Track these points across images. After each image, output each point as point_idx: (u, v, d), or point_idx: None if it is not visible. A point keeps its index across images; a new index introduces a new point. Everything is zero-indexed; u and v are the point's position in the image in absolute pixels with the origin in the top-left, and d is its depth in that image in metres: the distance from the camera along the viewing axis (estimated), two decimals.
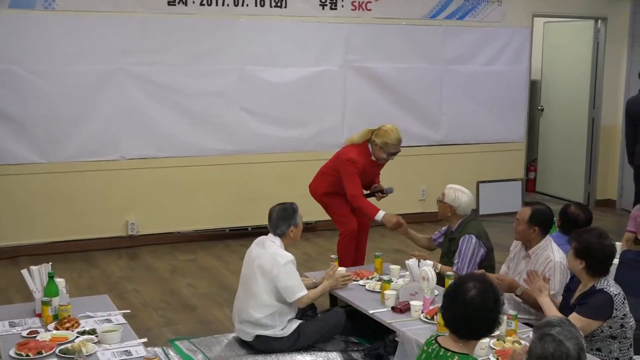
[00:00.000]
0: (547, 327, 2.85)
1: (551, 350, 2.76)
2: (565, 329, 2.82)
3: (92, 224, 7.49)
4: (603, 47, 9.69)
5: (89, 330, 4.08)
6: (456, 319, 3.15)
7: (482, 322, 3.13)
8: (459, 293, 3.15)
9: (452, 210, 5.39)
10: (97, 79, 7.31)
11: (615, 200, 9.87)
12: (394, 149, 6.01)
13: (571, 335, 2.80)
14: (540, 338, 2.81)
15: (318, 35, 8.16)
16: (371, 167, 6.16)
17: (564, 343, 2.77)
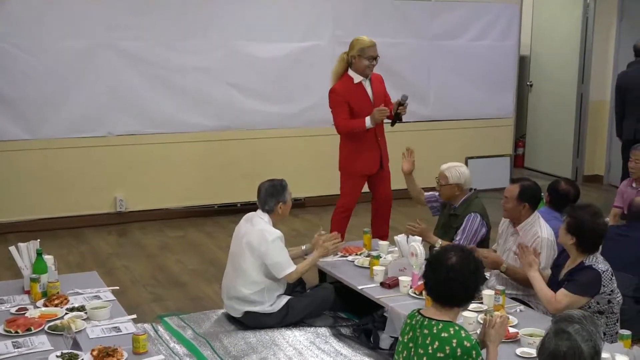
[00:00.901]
0: (566, 322, 2.73)
1: (564, 349, 2.66)
2: (584, 328, 2.69)
3: (80, 201, 7.47)
4: (592, 22, 9.67)
5: (78, 306, 4.09)
6: (438, 285, 3.26)
7: (462, 286, 3.22)
8: (441, 260, 3.27)
9: (460, 187, 5.36)
10: (83, 55, 7.25)
11: (602, 175, 9.91)
12: (372, 51, 5.87)
13: (589, 337, 2.68)
14: (556, 333, 2.71)
15: (306, 10, 8.11)
16: (359, 91, 5.95)
17: (580, 345, 2.65)
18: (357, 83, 5.97)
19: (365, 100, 5.97)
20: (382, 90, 6.14)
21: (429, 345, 3.18)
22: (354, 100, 5.94)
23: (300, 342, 4.79)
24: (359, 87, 5.99)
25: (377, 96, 6.05)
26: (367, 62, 5.89)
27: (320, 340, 4.82)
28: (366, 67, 5.90)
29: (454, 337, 3.15)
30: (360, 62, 5.90)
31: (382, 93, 6.11)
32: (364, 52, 5.88)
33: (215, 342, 4.79)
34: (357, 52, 5.89)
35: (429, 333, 3.21)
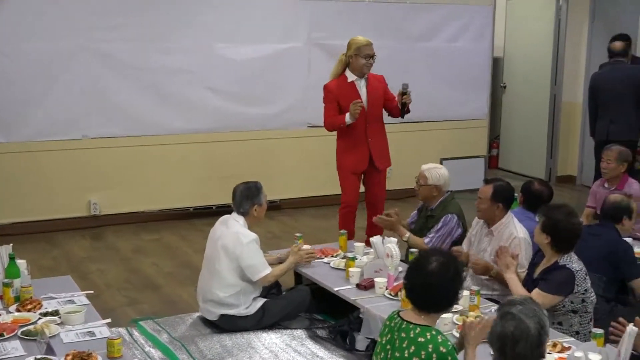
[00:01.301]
0: (509, 305, 2.88)
1: (511, 328, 2.79)
2: (527, 307, 2.84)
3: (54, 204, 7.40)
4: (564, 24, 9.76)
5: (52, 311, 4.04)
6: (416, 289, 3.25)
7: (441, 294, 3.21)
8: (421, 265, 3.25)
9: (438, 189, 5.40)
10: (60, 57, 7.19)
11: (575, 176, 10.00)
12: (368, 50, 6.01)
13: (532, 314, 2.82)
14: (501, 317, 2.85)
15: (282, 12, 8.11)
16: (350, 90, 6.03)
17: (524, 321, 2.79)
18: (349, 82, 6.08)
19: (355, 100, 5.99)
20: (380, 90, 6.19)
21: (405, 349, 3.18)
22: (343, 99, 6.02)
23: (276, 344, 4.78)
24: (351, 86, 6.08)
25: (372, 96, 6.12)
26: (363, 60, 6.01)
27: (297, 343, 4.81)
28: (363, 65, 6.02)
29: (430, 342, 3.14)
30: (357, 61, 6.02)
31: (378, 93, 6.16)
32: (360, 50, 6.00)
33: (191, 346, 4.77)
34: (354, 52, 6.02)
35: (406, 337, 3.20)
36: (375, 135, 6.18)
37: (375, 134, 6.18)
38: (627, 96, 7.64)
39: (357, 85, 6.09)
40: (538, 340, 2.81)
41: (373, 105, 6.12)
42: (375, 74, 6.23)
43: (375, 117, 6.17)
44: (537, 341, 2.80)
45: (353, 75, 6.08)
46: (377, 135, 6.20)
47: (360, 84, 6.11)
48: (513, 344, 2.80)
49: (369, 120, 6.12)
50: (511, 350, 2.81)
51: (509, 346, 2.81)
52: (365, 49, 6.01)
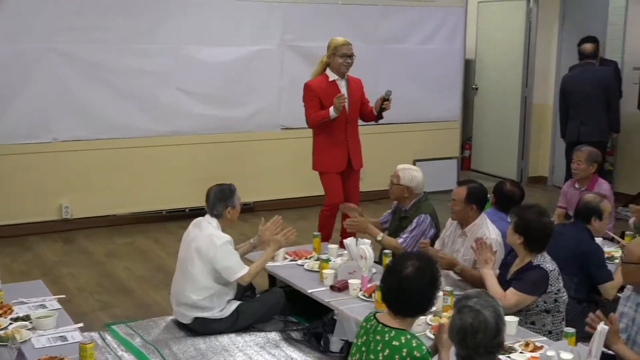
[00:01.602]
0: (464, 299, 2.95)
1: (470, 320, 2.87)
2: (482, 299, 2.92)
3: (24, 208, 7.32)
4: (535, 27, 9.85)
5: (23, 316, 4.01)
6: (391, 293, 3.24)
7: (415, 299, 3.21)
8: (397, 269, 3.24)
9: (409, 190, 5.43)
10: (26, 59, 7.11)
11: (546, 176, 10.10)
12: (345, 49, 6.12)
13: (488, 304, 2.90)
14: (458, 311, 2.92)
15: (254, 14, 8.10)
16: (331, 89, 6.11)
17: (482, 312, 2.87)
18: (331, 81, 6.18)
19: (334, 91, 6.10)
20: (359, 92, 6.32)
21: (379, 352, 3.18)
22: (325, 97, 6.11)
23: (250, 347, 4.77)
24: (332, 85, 6.17)
25: (352, 98, 6.23)
26: (341, 59, 6.12)
27: (271, 345, 4.81)
28: (341, 64, 6.13)
29: (405, 346, 3.14)
30: (335, 60, 6.14)
31: (358, 97, 6.29)
32: (337, 50, 6.13)
33: (165, 350, 4.75)
34: (332, 51, 6.15)
35: (381, 339, 3.20)
36: (353, 136, 6.32)
37: (353, 134, 6.32)
38: (597, 98, 7.74)
39: (339, 84, 6.20)
40: (496, 329, 2.89)
41: (353, 106, 6.25)
42: (355, 76, 6.35)
43: (354, 118, 6.32)
44: (495, 330, 2.88)
45: (334, 75, 6.19)
46: (354, 136, 6.34)
47: (341, 83, 6.22)
48: (473, 335, 2.87)
49: (349, 121, 6.25)
50: (471, 341, 2.88)
51: (469, 337, 2.88)
52: (342, 49, 6.12)
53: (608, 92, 7.78)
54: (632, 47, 8.60)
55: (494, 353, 2.94)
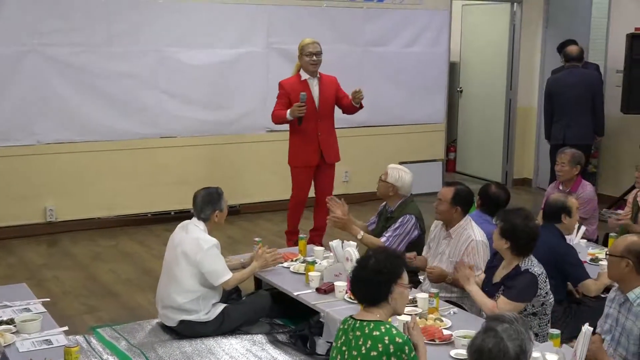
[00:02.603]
0: (496, 321, 2.81)
1: (490, 345, 2.73)
2: (512, 328, 2.76)
3: (8, 211, 7.27)
4: (519, 30, 9.91)
5: (7, 320, 3.99)
6: (354, 285, 3.41)
7: (369, 286, 3.32)
8: (360, 263, 3.41)
9: (395, 190, 5.44)
10: (8, 61, 7.07)
11: (531, 179, 10.15)
12: (310, 47, 6.41)
13: (516, 336, 2.74)
14: (484, 331, 2.79)
15: (239, 16, 8.09)
16: (302, 88, 6.38)
17: (505, 342, 2.72)
18: (302, 80, 6.48)
19: (308, 97, 6.38)
20: (332, 90, 6.61)
21: (362, 346, 3.23)
22: (294, 96, 6.39)
23: (236, 350, 4.76)
24: (303, 84, 6.47)
25: (323, 95, 6.52)
26: (307, 58, 6.42)
27: (257, 348, 4.81)
28: (308, 63, 6.43)
29: (386, 334, 3.20)
30: (302, 60, 6.46)
31: (330, 93, 6.56)
32: (303, 49, 6.44)
33: (150, 353, 4.73)
34: (300, 51, 6.48)
35: (361, 334, 3.26)
36: (325, 132, 6.57)
37: (325, 130, 6.57)
38: (583, 101, 7.79)
39: (310, 83, 6.47)
40: None
41: (324, 103, 6.53)
42: (329, 75, 6.65)
43: (325, 114, 6.57)
44: None
45: (306, 74, 6.48)
46: (327, 131, 6.59)
47: (312, 82, 6.49)
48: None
49: (320, 117, 6.52)
50: None
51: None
52: (307, 47, 6.42)
53: (594, 95, 7.84)
54: (615, 50, 8.67)
55: None
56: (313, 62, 6.42)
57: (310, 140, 6.50)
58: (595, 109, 7.86)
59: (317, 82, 6.51)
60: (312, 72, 6.47)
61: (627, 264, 3.65)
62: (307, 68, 6.44)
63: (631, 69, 8.03)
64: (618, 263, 3.68)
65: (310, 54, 6.40)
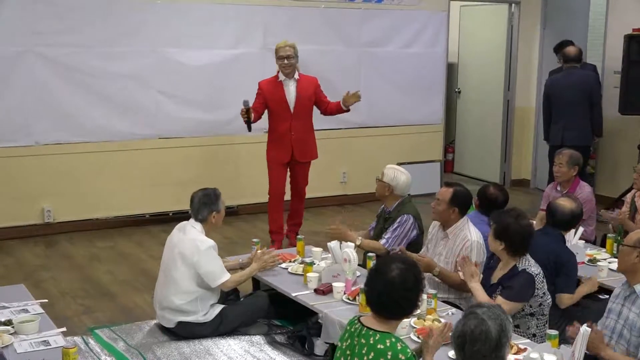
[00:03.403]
0: (475, 307, 2.93)
1: (472, 327, 2.83)
2: (491, 311, 2.87)
3: (5, 212, 7.25)
4: (517, 31, 9.92)
5: (5, 321, 3.98)
6: (375, 297, 3.23)
7: (400, 303, 3.20)
8: (381, 272, 3.23)
9: (390, 189, 5.44)
10: (6, 62, 7.05)
11: (529, 179, 10.16)
12: (281, 51, 6.63)
13: (495, 316, 2.85)
14: (465, 316, 2.89)
15: (236, 17, 8.08)
16: (277, 89, 6.68)
17: (486, 322, 2.82)
18: (279, 81, 6.71)
19: (280, 98, 6.68)
20: (309, 91, 6.78)
21: (364, 356, 3.18)
22: (269, 96, 6.71)
23: (234, 350, 4.76)
24: (278, 85, 6.71)
25: (299, 95, 6.71)
26: (279, 61, 6.66)
27: (255, 349, 4.80)
28: (280, 66, 6.66)
29: (389, 349, 3.13)
30: (278, 64, 6.69)
31: (307, 94, 6.76)
32: (276, 53, 6.70)
33: (148, 354, 4.73)
34: (274, 55, 6.72)
35: (365, 343, 3.20)
36: (299, 131, 6.76)
37: (299, 129, 6.76)
38: (581, 102, 7.78)
39: (285, 84, 6.69)
40: (497, 343, 2.83)
41: (300, 104, 6.73)
42: (310, 76, 6.92)
43: (301, 115, 6.77)
44: (495, 343, 2.83)
45: (282, 75, 6.70)
46: (301, 130, 6.78)
47: (288, 83, 6.70)
48: (471, 343, 2.83)
49: (295, 118, 6.73)
50: (469, 349, 2.84)
51: (467, 344, 2.84)
52: (279, 51, 6.65)
53: (591, 96, 7.83)
54: (613, 51, 8.67)
55: None
56: (284, 65, 6.62)
57: (282, 139, 6.73)
58: (592, 110, 7.85)
59: (294, 83, 6.70)
60: (287, 75, 6.66)
61: (638, 254, 3.69)
62: (280, 71, 6.66)
63: (629, 70, 8.04)
64: (630, 253, 3.73)
65: (281, 58, 6.61)
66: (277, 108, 6.70)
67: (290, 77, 6.68)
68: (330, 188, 8.85)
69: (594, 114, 7.87)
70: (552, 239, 4.79)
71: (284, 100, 6.68)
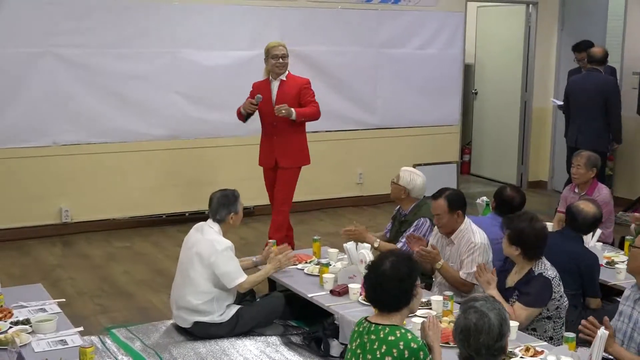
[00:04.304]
0: (471, 301, 2.99)
1: (474, 320, 2.89)
2: (488, 302, 2.96)
3: (24, 212, 7.30)
4: (534, 31, 9.87)
5: (23, 320, 4.01)
6: (372, 292, 3.36)
7: (394, 294, 3.30)
8: (375, 266, 3.37)
9: (406, 192, 5.42)
10: (23, 63, 7.10)
11: (546, 181, 10.10)
12: (275, 50, 6.35)
13: (493, 307, 2.93)
14: (464, 311, 2.96)
15: (252, 18, 8.09)
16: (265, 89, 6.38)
17: (487, 314, 2.90)
18: (268, 82, 6.44)
19: (267, 99, 6.36)
20: (293, 92, 6.38)
21: (376, 350, 3.22)
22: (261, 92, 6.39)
23: (250, 351, 4.76)
24: (267, 85, 6.43)
25: (280, 97, 6.33)
26: (273, 60, 6.36)
27: (271, 349, 4.80)
28: (273, 65, 6.36)
29: (401, 339, 3.20)
30: (268, 63, 6.42)
31: (290, 95, 6.35)
32: (269, 52, 6.39)
33: (165, 354, 4.74)
34: (265, 54, 6.43)
35: (376, 338, 3.25)
36: (282, 134, 6.40)
37: (282, 132, 6.40)
38: (596, 106, 7.69)
39: (271, 85, 6.42)
40: (499, 333, 2.90)
41: (279, 105, 6.26)
42: (302, 77, 6.54)
43: (282, 117, 6.28)
44: (498, 333, 2.90)
45: (272, 76, 6.44)
46: (284, 134, 6.40)
47: (273, 84, 6.41)
48: (475, 335, 2.89)
49: (276, 120, 6.33)
50: (474, 342, 2.90)
51: (472, 337, 2.90)
52: (273, 50, 6.36)
53: (607, 101, 7.70)
54: (631, 51, 8.62)
55: (495, 356, 2.95)
56: (279, 64, 6.33)
57: (267, 143, 6.51)
58: (609, 115, 7.74)
59: (278, 84, 6.39)
60: (277, 75, 6.37)
61: None
62: (273, 70, 6.38)
63: None
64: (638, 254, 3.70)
65: (276, 57, 6.33)
66: (263, 109, 6.40)
67: (276, 77, 6.39)
68: (346, 189, 8.84)
69: (610, 119, 7.74)
70: (572, 241, 4.77)
71: (269, 102, 6.36)
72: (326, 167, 8.52)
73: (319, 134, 8.39)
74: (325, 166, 8.50)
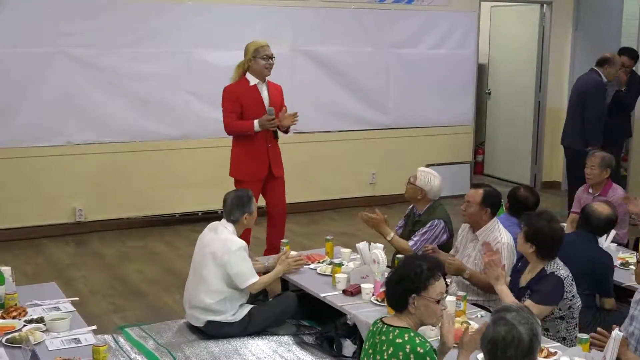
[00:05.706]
0: (503, 311, 2.86)
1: (503, 333, 2.76)
2: (520, 314, 2.81)
3: (38, 211, 7.35)
4: (548, 31, 9.83)
5: (37, 318, 4.02)
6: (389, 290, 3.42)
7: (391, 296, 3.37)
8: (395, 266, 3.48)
9: (423, 193, 5.40)
10: (37, 62, 7.14)
11: (560, 181, 10.05)
12: (266, 50, 5.95)
13: (525, 321, 2.79)
14: (494, 321, 2.83)
15: (266, 18, 8.09)
16: (253, 94, 5.96)
17: (517, 327, 2.76)
18: (252, 85, 5.99)
19: (258, 103, 5.96)
20: (279, 99, 6.11)
21: (384, 352, 3.23)
22: (246, 102, 5.95)
23: (263, 351, 4.77)
24: (253, 89, 6.00)
25: (274, 102, 6.02)
26: (263, 61, 5.93)
27: (283, 349, 4.81)
28: (263, 66, 5.94)
29: (408, 343, 3.18)
30: (256, 63, 5.94)
31: (277, 101, 6.07)
32: (259, 52, 5.94)
33: (177, 353, 4.75)
34: (253, 54, 5.95)
35: (386, 339, 3.25)
36: (273, 142, 6.12)
37: (273, 140, 6.12)
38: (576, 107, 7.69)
39: (260, 89, 6.02)
40: (529, 348, 2.77)
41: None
42: (275, 83, 6.18)
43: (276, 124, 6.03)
44: (528, 348, 2.77)
45: (255, 79, 5.98)
46: (274, 142, 6.13)
47: (262, 88, 6.03)
48: (503, 349, 2.77)
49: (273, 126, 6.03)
50: (502, 355, 2.77)
51: (500, 350, 2.78)
52: (264, 50, 5.95)
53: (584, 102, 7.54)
54: None
55: None
56: (270, 65, 5.95)
57: (259, 152, 6.00)
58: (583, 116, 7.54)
59: (266, 87, 6.04)
60: (264, 77, 5.97)
61: None
62: (261, 72, 5.93)
63: None
64: None
65: (267, 57, 5.92)
66: (255, 116, 5.91)
67: (264, 81, 6.00)
68: (359, 189, 8.83)
69: (584, 120, 7.53)
70: (587, 242, 4.76)
71: (262, 107, 5.92)
72: (339, 167, 8.52)
73: (332, 133, 8.40)
74: (338, 166, 8.50)
